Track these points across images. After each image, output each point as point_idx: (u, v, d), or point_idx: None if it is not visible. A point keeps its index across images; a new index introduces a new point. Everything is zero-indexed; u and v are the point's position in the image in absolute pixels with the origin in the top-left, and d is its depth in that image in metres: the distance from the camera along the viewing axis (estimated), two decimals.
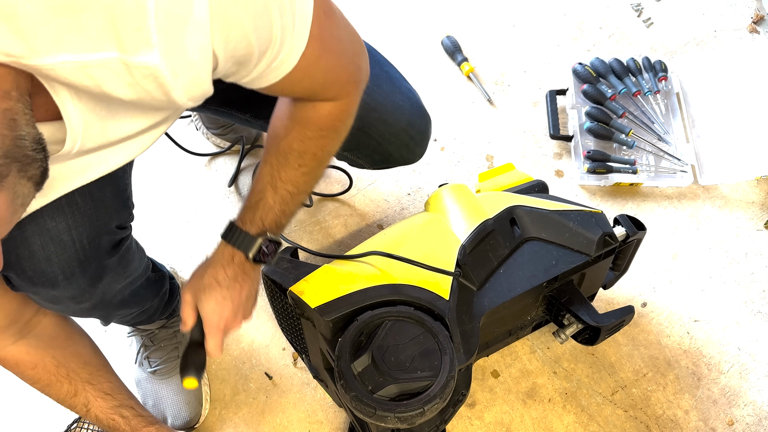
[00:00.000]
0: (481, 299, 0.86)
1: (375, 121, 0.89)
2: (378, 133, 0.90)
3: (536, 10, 1.49)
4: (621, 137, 1.28)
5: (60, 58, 0.42)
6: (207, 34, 0.48)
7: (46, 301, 0.73)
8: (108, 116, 0.53)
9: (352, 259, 0.88)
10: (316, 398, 1.09)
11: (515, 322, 1.00)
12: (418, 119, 0.94)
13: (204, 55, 0.49)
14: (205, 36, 0.48)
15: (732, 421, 1.08)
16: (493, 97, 1.38)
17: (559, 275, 0.90)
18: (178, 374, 1.03)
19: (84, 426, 1.04)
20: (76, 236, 0.69)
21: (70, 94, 0.48)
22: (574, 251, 0.91)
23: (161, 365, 1.05)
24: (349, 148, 0.94)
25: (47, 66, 0.43)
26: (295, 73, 0.59)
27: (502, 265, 0.90)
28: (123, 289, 0.82)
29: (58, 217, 0.66)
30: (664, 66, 1.35)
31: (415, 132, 0.94)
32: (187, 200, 1.25)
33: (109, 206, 0.73)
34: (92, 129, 0.52)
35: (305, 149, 0.71)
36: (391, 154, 0.95)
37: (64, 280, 0.70)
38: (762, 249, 1.23)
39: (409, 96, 0.93)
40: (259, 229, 0.73)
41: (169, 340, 1.06)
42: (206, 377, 1.09)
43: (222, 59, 0.51)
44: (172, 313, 1.07)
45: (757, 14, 1.48)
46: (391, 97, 0.90)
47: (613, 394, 1.10)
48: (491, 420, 1.07)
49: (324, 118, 0.69)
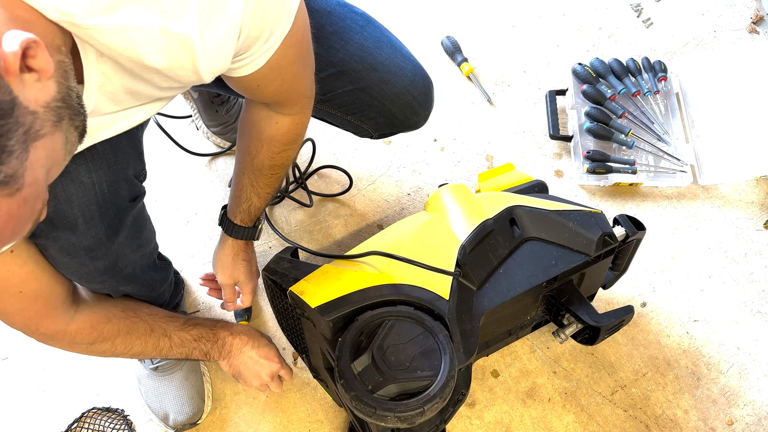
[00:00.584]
0: (480, 299, 0.87)
1: (377, 80, 0.91)
2: (380, 92, 0.92)
3: (536, 10, 1.50)
4: (620, 137, 1.28)
5: (108, 19, 0.48)
6: (239, 11, 0.53)
7: (62, 253, 0.73)
8: (125, 86, 0.58)
9: (352, 259, 0.88)
10: (316, 398, 1.09)
11: (515, 322, 1.01)
12: (420, 80, 0.95)
13: (232, 30, 0.54)
14: (237, 13, 0.53)
15: (731, 421, 1.08)
16: (493, 98, 1.39)
17: (558, 275, 0.90)
18: (179, 370, 1.05)
19: (84, 426, 1.04)
20: (96, 179, 0.70)
21: (96, 56, 0.53)
22: (573, 251, 0.91)
23: (163, 361, 1.05)
24: (353, 111, 0.96)
25: (95, 26, 0.48)
26: (272, 68, 0.65)
27: (502, 265, 0.90)
28: (134, 260, 0.83)
29: (78, 160, 0.68)
30: (663, 66, 1.35)
31: (417, 92, 0.95)
32: (187, 200, 1.25)
33: (126, 153, 0.75)
34: (108, 88, 0.57)
35: (274, 163, 0.85)
36: (395, 115, 0.96)
37: (84, 223, 0.71)
38: (761, 249, 1.23)
39: (410, 58, 0.95)
40: (253, 222, 0.95)
41: None
42: (208, 375, 1.09)
43: (242, 37, 0.56)
44: (176, 309, 1.08)
45: (756, 14, 1.48)
46: (393, 58, 0.92)
47: (612, 393, 1.10)
48: (491, 420, 1.07)
49: (286, 134, 0.82)
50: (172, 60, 0.54)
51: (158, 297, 0.98)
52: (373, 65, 0.90)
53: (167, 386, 1.05)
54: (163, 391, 1.05)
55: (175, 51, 0.53)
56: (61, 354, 1.11)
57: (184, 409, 1.04)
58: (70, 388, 1.09)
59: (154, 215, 1.23)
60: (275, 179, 0.89)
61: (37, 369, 1.10)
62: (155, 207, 1.24)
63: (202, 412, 1.05)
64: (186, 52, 0.53)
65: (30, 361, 1.11)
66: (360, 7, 0.96)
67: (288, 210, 1.25)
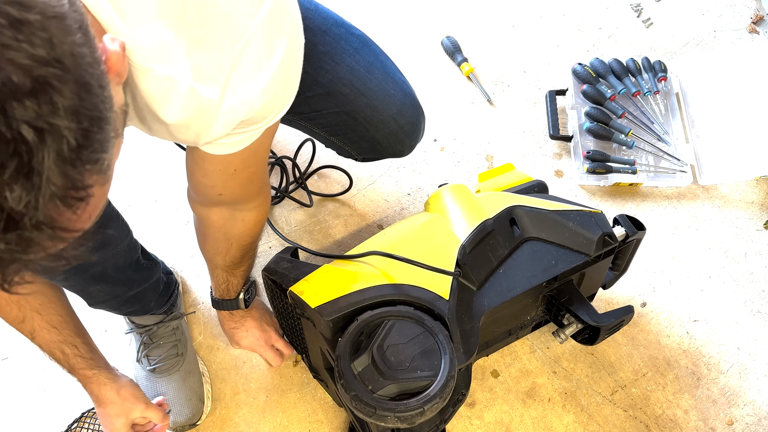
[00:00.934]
0: (481, 299, 0.87)
1: (363, 106, 0.90)
2: (365, 117, 0.91)
3: (536, 10, 1.50)
4: (620, 137, 1.28)
5: (159, 65, 0.52)
6: (262, 87, 0.57)
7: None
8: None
9: (352, 259, 0.88)
10: (316, 398, 1.09)
11: (515, 322, 1.01)
12: (409, 109, 0.94)
13: (249, 100, 0.58)
14: (260, 88, 0.57)
15: (731, 421, 1.08)
16: (493, 97, 1.39)
17: (558, 275, 0.90)
18: (177, 371, 1.05)
19: (84, 426, 1.04)
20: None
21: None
22: (573, 251, 0.91)
23: (160, 363, 1.04)
24: (336, 132, 0.95)
25: (146, 68, 0.52)
26: (248, 152, 0.68)
27: (502, 265, 0.90)
28: (103, 259, 0.81)
29: None
30: (663, 66, 1.35)
31: (404, 121, 0.94)
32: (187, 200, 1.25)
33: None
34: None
35: (245, 253, 0.89)
36: (379, 143, 0.95)
37: None
38: (761, 249, 1.23)
39: (402, 86, 0.93)
40: (236, 293, 0.98)
41: (167, 337, 1.06)
42: (207, 375, 1.09)
43: (255, 110, 0.59)
44: (170, 309, 1.07)
45: (756, 14, 1.48)
46: (382, 84, 0.91)
47: (612, 393, 1.10)
48: (491, 420, 1.07)
49: (251, 228, 0.84)
50: (185, 118, 0.57)
51: (138, 296, 0.96)
52: (362, 90, 0.89)
53: (165, 387, 1.04)
54: (161, 392, 1.04)
55: (196, 112, 0.56)
56: None
57: (183, 411, 1.03)
58: (70, 388, 1.09)
59: (155, 215, 1.24)
60: (248, 260, 0.93)
61: (37, 369, 1.10)
62: (155, 207, 1.24)
63: (201, 412, 1.05)
64: (204, 114, 0.57)
65: (30, 361, 1.11)
66: (360, 7, 0.96)
67: (288, 210, 1.25)
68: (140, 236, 0.96)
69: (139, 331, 1.06)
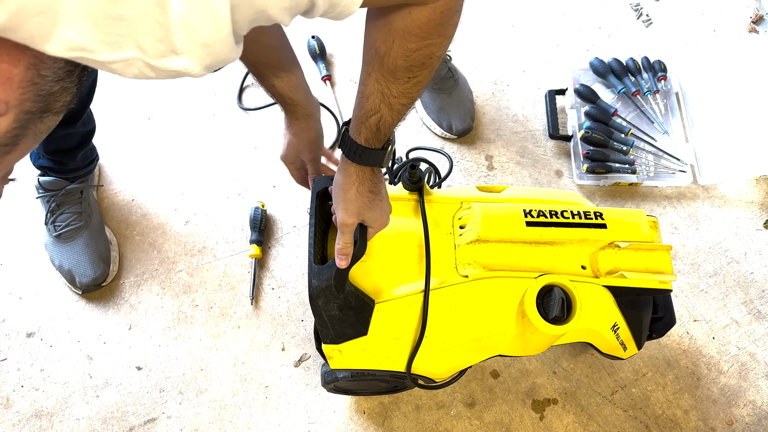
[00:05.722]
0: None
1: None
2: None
3: (535, 10, 1.49)
4: (620, 137, 1.28)
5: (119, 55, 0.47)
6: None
7: None
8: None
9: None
10: (316, 398, 1.09)
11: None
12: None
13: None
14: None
15: (731, 421, 1.08)
16: (493, 97, 1.38)
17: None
18: (81, 237, 1.15)
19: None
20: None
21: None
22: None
23: (65, 229, 1.14)
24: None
25: (109, 60, 0.47)
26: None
27: None
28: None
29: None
30: (663, 66, 1.35)
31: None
32: (187, 200, 1.25)
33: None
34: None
35: (411, 63, 0.66)
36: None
37: None
38: (761, 248, 1.23)
39: None
40: (382, 143, 0.74)
41: (72, 204, 1.15)
42: (116, 243, 1.18)
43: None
44: (84, 177, 1.17)
45: (756, 14, 1.48)
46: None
47: (612, 393, 1.10)
48: (491, 420, 1.07)
49: (423, 26, 0.63)
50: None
51: (70, 138, 1.08)
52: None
53: (69, 251, 1.14)
54: (65, 255, 1.14)
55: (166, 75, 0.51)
56: (61, 354, 1.11)
57: (87, 272, 1.12)
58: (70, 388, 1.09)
59: (154, 215, 1.24)
60: (413, 85, 0.69)
61: (37, 369, 1.10)
62: (155, 207, 1.24)
63: (106, 275, 1.14)
64: (176, 73, 0.50)
65: (30, 361, 1.11)
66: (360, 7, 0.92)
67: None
68: (137, 190, 0.95)
69: (46, 198, 1.15)
